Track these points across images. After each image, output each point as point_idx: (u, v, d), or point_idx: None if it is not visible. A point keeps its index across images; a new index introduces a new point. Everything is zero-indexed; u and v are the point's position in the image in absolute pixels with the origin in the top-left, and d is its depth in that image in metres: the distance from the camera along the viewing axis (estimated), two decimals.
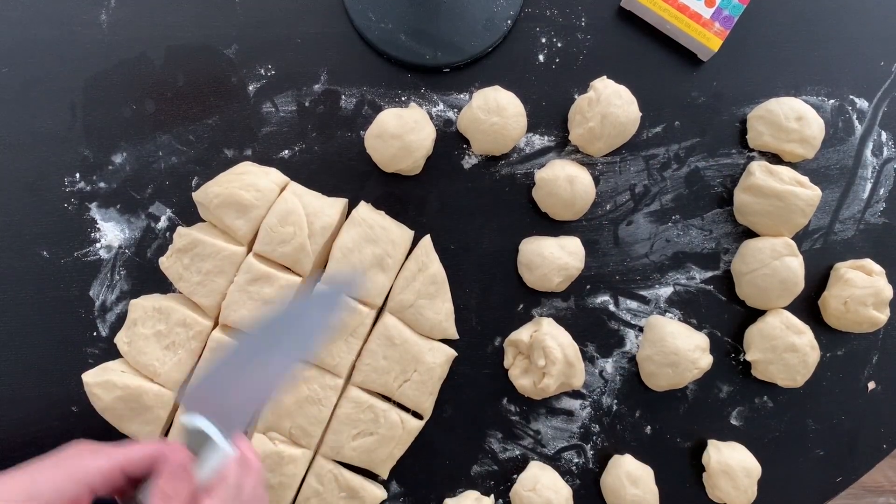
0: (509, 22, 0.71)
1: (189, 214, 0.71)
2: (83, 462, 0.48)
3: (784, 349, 0.67)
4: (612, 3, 0.73)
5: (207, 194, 0.67)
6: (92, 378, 0.66)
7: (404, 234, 0.69)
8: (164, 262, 0.67)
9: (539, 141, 0.72)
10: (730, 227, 0.72)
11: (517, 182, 0.72)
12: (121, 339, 0.68)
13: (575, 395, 0.71)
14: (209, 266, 0.66)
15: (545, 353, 0.66)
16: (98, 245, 0.71)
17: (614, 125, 0.67)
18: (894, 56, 0.74)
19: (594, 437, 0.71)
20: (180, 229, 0.67)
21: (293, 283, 0.65)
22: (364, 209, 0.68)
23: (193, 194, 0.69)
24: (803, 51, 0.73)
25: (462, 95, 0.72)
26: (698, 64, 0.73)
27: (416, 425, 0.68)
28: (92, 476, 0.47)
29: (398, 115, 0.68)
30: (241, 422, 0.49)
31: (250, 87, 0.72)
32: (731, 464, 0.67)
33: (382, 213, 0.69)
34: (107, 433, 0.68)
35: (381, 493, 0.69)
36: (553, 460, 0.71)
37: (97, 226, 0.71)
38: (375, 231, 0.67)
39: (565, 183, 0.67)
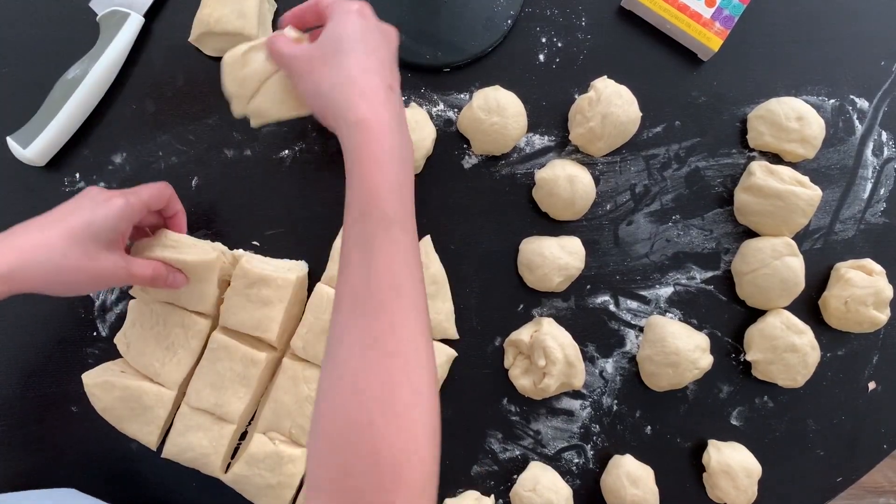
0: (509, 22, 0.71)
1: (189, 214, 0.71)
2: (126, 201, 0.57)
3: (784, 349, 0.67)
4: (612, 3, 0.73)
5: None
6: (92, 378, 0.66)
7: None
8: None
9: (539, 141, 0.72)
10: (730, 227, 0.72)
11: (517, 182, 0.72)
12: (120, 340, 0.68)
13: (575, 395, 0.71)
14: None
15: (545, 354, 0.66)
16: None
17: (615, 125, 0.67)
18: (894, 56, 0.74)
19: (594, 438, 0.71)
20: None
21: (289, 283, 0.65)
22: None
23: None
24: (803, 51, 0.73)
25: (462, 95, 0.72)
26: (698, 64, 0.73)
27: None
28: (133, 212, 0.58)
29: None
30: None
31: None
32: (732, 464, 0.67)
33: None
34: (107, 433, 0.68)
35: None
36: (553, 460, 0.71)
37: None
38: None
39: (566, 183, 0.67)
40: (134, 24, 0.70)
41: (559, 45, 0.73)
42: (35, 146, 0.68)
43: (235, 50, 0.60)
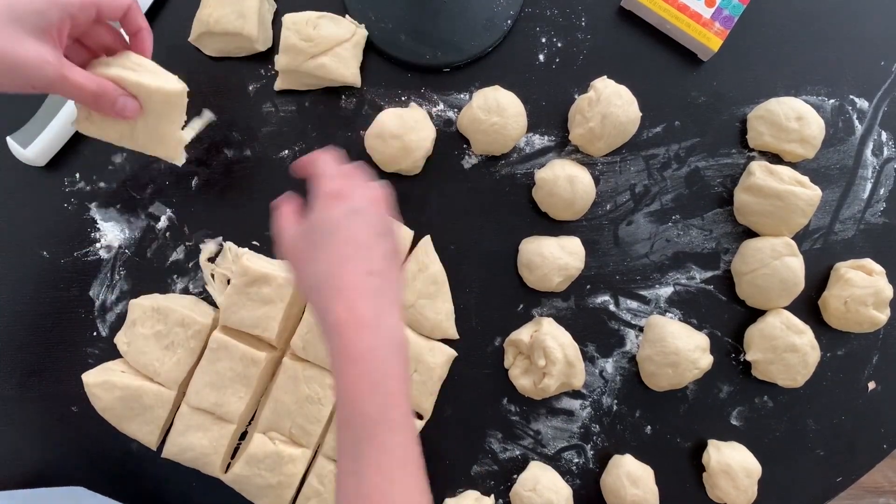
0: (509, 22, 0.71)
1: (189, 214, 0.71)
2: None
3: (784, 349, 0.67)
4: (612, 3, 0.73)
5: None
6: (92, 378, 0.66)
7: (404, 233, 0.69)
8: None
9: (539, 141, 0.72)
10: (730, 227, 0.72)
11: (517, 182, 0.72)
12: (120, 340, 0.68)
13: (575, 395, 0.71)
14: None
15: (545, 353, 0.66)
16: (98, 245, 0.71)
17: (614, 125, 0.67)
18: (894, 56, 0.74)
19: (594, 437, 0.71)
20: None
21: (290, 282, 0.65)
22: None
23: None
24: (803, 51, 0.73)
25: (462, 95, 0.72)
26: (698, 64, 0.73)
27: (417, 425, 0.68)
28: (71, 3, 0.50)
29: (398, 115, 0.68)
30: None
31: (250, 87, 0.72)
32: (732, 464, 0.67)
33: None
34: (107, 433, 0.68)
35: None
36: (553, 460, 0.71)
37: (97, 226, 0.71)
38: None
39: (565, 183, 0.67)
40: None
41: (559, 45, 0.73)
42: (35, 146, 0.68)
43: (307, 13, 0.67)
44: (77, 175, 0.71)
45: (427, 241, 0.69)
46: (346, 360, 0.47)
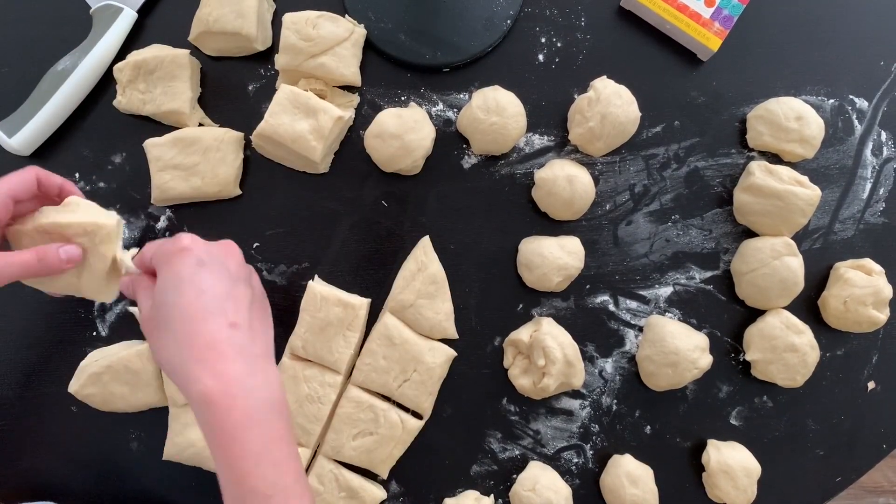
0: (509, 22, 0.71)
1: (189, 214, 0.71)
2: None
3: (784, 349, 0.67)
4: (612, 3, 0.73)
5: None
6: (75, 385, 0.67)
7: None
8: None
9: (539, 141, 0.72)
10: (729, 227, 0.72)
11: (517, 182, 0.72)
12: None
13: (574, 394, 0.71)
14: None
15: (545, 353, 0.66)
16: None
17: (614, 125, 0.67)
18: (894, 56, 0.74)
19: (594, 437, 0.71)
20: None
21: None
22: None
23: None
24: (803, 51, 0.73)
25: (462, 95, 0.72)
26: (698, 64, 0.73)
27: (416, 425, 0.68)
28: None
29: (398, 115, 0.68)
30: None
31: (250, 87, 0.72)
32: (731, 464, 0.67)
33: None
34: (107, 433, 0.68)
35: (381, 493, 0.69)
36: (553, 460, 0.71)
37: None
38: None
39: (565, 183, 0.67)
40: (127, 19, 0.70)
41: (559, 45, 0.73)
42: (20, 136, 0.68)
43: (306, 12, 0.67)
44: (77, 175, 0.71)
45: (426, 241, 0.69)
46: (223, 436, 0.43)
